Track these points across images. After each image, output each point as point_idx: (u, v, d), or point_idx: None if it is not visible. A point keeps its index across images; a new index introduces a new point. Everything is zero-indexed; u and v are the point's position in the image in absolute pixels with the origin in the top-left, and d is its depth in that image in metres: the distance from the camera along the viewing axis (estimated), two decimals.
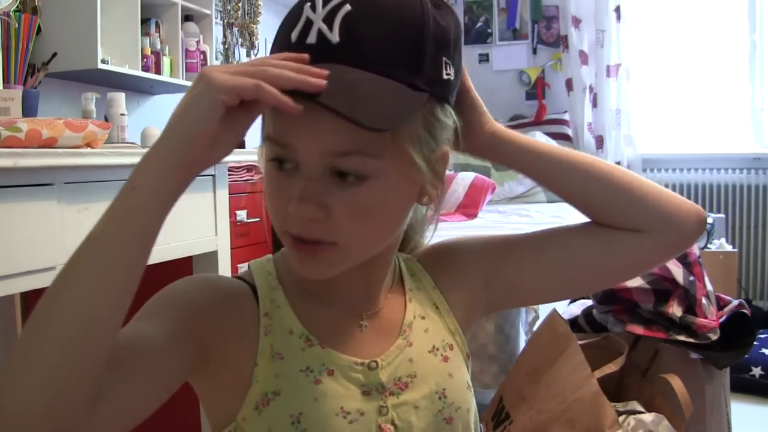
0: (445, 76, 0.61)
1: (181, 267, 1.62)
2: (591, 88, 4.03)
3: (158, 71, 2.22)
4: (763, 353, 2.68)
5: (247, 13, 2.61)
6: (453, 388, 0.69)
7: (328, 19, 0.57)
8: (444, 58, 0.60)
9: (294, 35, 0.58)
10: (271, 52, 0.61)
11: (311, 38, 0.57)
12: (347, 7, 0.57)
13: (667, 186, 3.42)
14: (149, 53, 2.18)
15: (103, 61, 1.93)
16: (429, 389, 0.67)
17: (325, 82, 0.52)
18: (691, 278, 1.65)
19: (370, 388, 0.65)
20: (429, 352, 0.69)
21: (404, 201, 0.64)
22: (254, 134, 0.63)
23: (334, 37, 0.56)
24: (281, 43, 0.59)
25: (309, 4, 0.58)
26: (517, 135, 0.72)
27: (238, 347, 0.63)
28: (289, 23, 0.59)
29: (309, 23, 0.57)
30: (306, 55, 0.55)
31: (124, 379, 0.52)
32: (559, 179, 0.72)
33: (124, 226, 0.52)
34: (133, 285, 0.52)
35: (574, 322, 1.81)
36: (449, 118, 0.63)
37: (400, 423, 0.65)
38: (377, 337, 0.68)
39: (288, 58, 0.55)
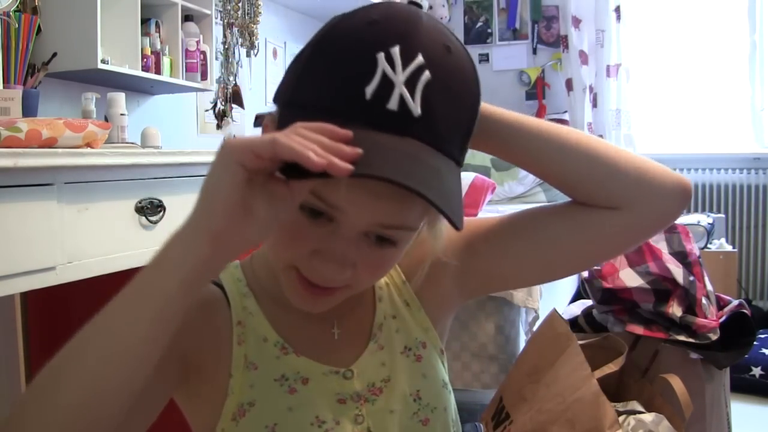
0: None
1: None
2: (591, 88, 4.03)
3: (158, 71, 2.22)
4: (763, 353, 2.68)
5: (247, 13, 2.60)
6: (427, 388, 0.68)
7: (410, 86, 0.52)
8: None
9: (369, 92, 0.52)
10: (331, 94, 0.53)
11: (392, 104, 0.52)
12: (427, 74, 0.52)
13: None
14: (149, 53, 2.18)
15: (103, 61, 1.93)
16: (403, 392, 0.66)
17: (351, 168, 0.46)
18: (691, 278, 1.65)
19: (345, 396, 0.64)
20: (401, 353, 0.68)
21: None
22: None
23: (416, 109, 0.52)
24: (352, 94, 0.52)
25: (383, 55, 0.52)
26: (499, 110, 0.66)
27: (214, 358, 0.63)
28: (359, 71, 0.52)
29: (389, 84, 0.52)
30: (349, 134, 0.48)
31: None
32: (537, 156, 0.66)
33: (142, 305, 0.48)
34: (148, 366, 0.49)
35: (574, 322, 1.81)
36: None
37: (376, 430, 0.64)
38: (350, 342, 0.67)
39: (324, 131, 0.48)
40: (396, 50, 0.52)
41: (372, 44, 0.53)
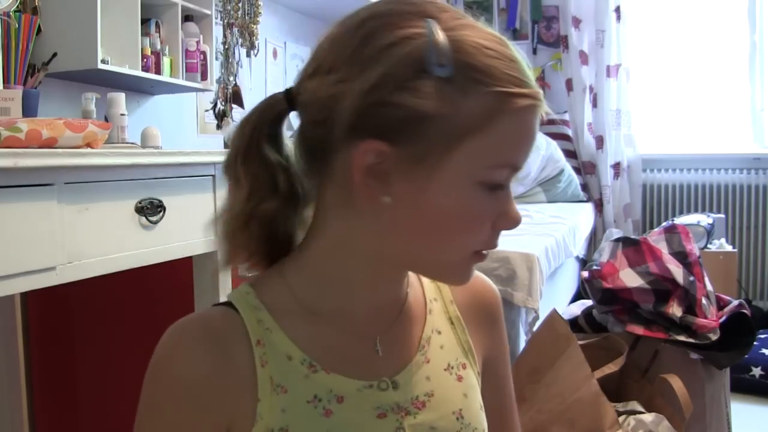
0: None
1: (181, 267, 1.62)
2: (591, 88, 4.03)
3: (158, 71, 2.22)
4: (763, 353, 2.68)
5: (247, 13, 2.60)
6: (468, 408, 0.66)
7: None
8: None
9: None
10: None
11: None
12: None
13: (667, 186, 3.42)
14: (149, 53, 2.18)
15: (103, 61, 1.93)
16: (447, 409, 0.65)
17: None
18: (691, 278, 1.65)
19: (386, 409, 0.61)
20: (445, 370, 0.66)
21: None
22: None
23: None
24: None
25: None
26: None
27: (237, 388, 0.60)
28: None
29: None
30: None
31: None
32: None
33: None
34: None
35: (574, 322, 1.81)
36: None
37: None
38: (395, 353, 0.65)
39: None
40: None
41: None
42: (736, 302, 1.72)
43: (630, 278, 1.66)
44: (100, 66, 1.91)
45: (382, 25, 0.56)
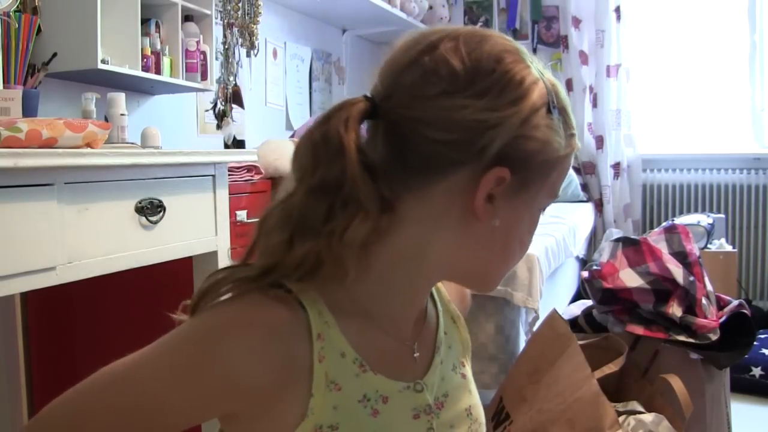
0: None
1: (181, 267, 1.62)
2: (591, 88, 4.03)
3: (158, 71, 2.22)
4: (763, 353, 2.68)
5: (247, 13, 2.60)
6: (474, 405, 0.70)
7: None
8: None
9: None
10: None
11: None
12: None
13: (667, 186, 3.41)
14: (149, 53, 2.17)
15: (103, 61, 1.93)
16: (460, 408, 0.68)
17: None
18: (691, 278, 1.65)
19: (419, 410, 0.64)
20: (452, 370, 0.70)
21: None
22: (253, 135, 0.61)
23: None
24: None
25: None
26: None
27: (291, 384, 0.58)
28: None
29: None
30: None
31: None
32: None
33: None
34: None
35: (574, 322, 1.81)
36: None
37: None
38: (420, 355, 0.67)
39: None
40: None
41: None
42: (736, 302, 1.72)
43: (630, 278, 1.66)
44: (100, 66, 1.91)
45: (516, 62, 0.61)
